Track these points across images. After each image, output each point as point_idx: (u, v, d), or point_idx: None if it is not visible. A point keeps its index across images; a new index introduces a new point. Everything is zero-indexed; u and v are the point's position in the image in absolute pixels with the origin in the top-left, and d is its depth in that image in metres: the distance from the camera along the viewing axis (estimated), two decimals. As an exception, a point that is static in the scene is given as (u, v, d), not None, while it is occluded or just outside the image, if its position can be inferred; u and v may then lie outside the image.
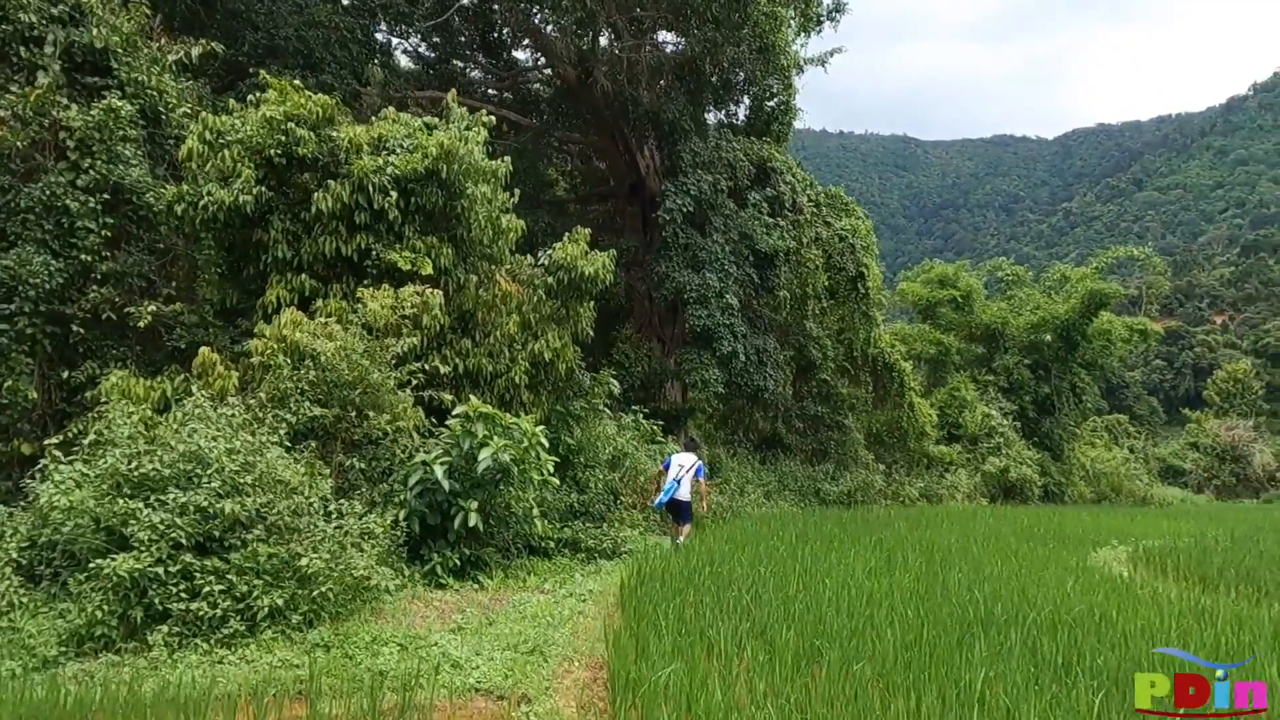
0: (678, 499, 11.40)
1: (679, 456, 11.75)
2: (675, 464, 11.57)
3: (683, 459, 11.65)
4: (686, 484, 11.43)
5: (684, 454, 11.92)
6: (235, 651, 5.83)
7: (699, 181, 20.17)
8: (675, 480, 11.40)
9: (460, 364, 10.95)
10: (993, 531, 12.61)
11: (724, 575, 7.31)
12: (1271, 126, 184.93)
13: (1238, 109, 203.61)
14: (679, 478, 11.42)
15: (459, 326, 11.38)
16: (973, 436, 32.83)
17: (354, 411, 8.86)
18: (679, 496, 11.40)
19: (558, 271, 11.82)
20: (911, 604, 6.07)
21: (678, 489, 11.37)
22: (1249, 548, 11.05)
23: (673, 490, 11.35)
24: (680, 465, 11.52)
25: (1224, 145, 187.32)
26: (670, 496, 11.33)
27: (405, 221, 10.69)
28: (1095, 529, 13.66)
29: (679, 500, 11.42)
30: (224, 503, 6.51)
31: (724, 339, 19.30)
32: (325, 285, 10.41)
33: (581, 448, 12.38)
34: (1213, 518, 18.78)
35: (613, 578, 8.57)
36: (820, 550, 9.37)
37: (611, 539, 11.12)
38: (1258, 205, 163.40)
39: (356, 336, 9.19)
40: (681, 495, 11.40)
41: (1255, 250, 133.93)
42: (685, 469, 11.51)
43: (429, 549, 8.62)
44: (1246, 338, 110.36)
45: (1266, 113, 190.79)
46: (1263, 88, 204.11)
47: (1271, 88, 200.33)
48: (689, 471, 11.52)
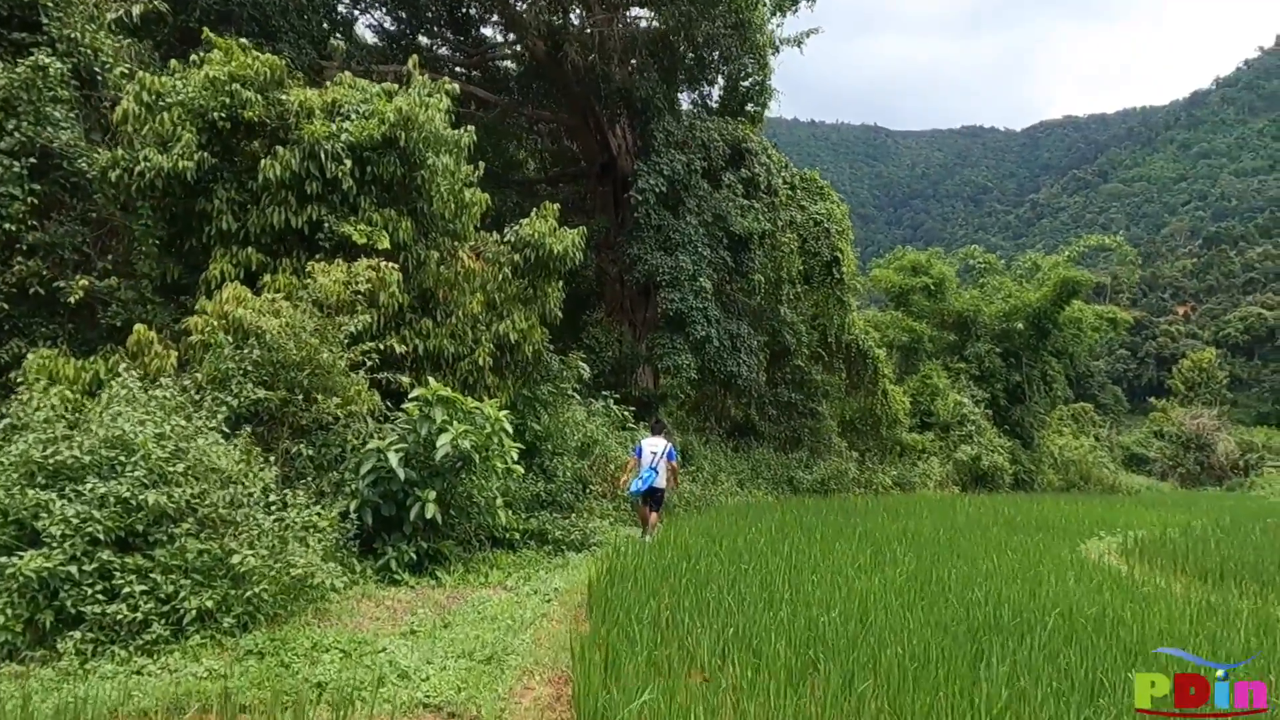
0: (656, 486, 11.05)
1: (649, 442, 11.32)
2: (647, 450, 11.16)
3: (653, 444, 11.24)
4: (663, 470, 11.09)
5: (653, 439, 11.40)
6: (157, 660, 5.22)
7: (672, 161, 19.61)
8: (651, 467, 11.02)
9: (420, 345, 10.32)
10: (974, 521, 12.28)
11: (702, 572, 6.80)
12: (1233, 121, 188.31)
13: (1201, 103, 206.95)
14: (654, 465, 11.04)
15: (419, 305, 10.74)
16: (945, 424, 32.75)
17: (302, 394, 8.22)
18: (658, 484, 11.05)
19: (524, 249, 11.22)
20: (911, 606, 5.59)
21: (655, 476, 11.00)
22: (1239, 539, 10.79)
23: (651, 479, 10.96)
24: (653, 452, 11.13)
25: (1187, 139, 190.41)
26: (649, 485, 10.94)
27: (361, 192, 10.01)
28: (1077, 518, 13.41)
29: (656, 488, 11.08)
30: (149, 494, 5.87)
31: (697, 323, 18.81)
32: (274, 260, 9.71)
33: (549, 434, 11.82)
34: (1187, 506, 18.73)
35: (580, 573, 8.04)
36: (802, 543, 8.91)
37: (580, 530, 10.60)
38: (1219, 198, 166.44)
39: (306, 314, 8.53)
40: (660, 482, 11.06)
41: (1216, 242, 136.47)
42: (658, 454, 11.12)
43: (383, 542, 8.03)
44: (1208, 328, 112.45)
45: (1228, 107, 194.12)
46: (1225, 82, 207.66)
47: (1234, 82, 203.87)
48: (662, 456, 11.14)
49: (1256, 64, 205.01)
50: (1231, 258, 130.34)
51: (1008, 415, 35.57)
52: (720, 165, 20.81)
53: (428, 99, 10.41)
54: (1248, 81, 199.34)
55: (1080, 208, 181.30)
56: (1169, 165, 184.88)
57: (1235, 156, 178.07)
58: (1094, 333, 36.81)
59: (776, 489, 20.97)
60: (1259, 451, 45.62)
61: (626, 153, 21.92)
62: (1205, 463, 45.42)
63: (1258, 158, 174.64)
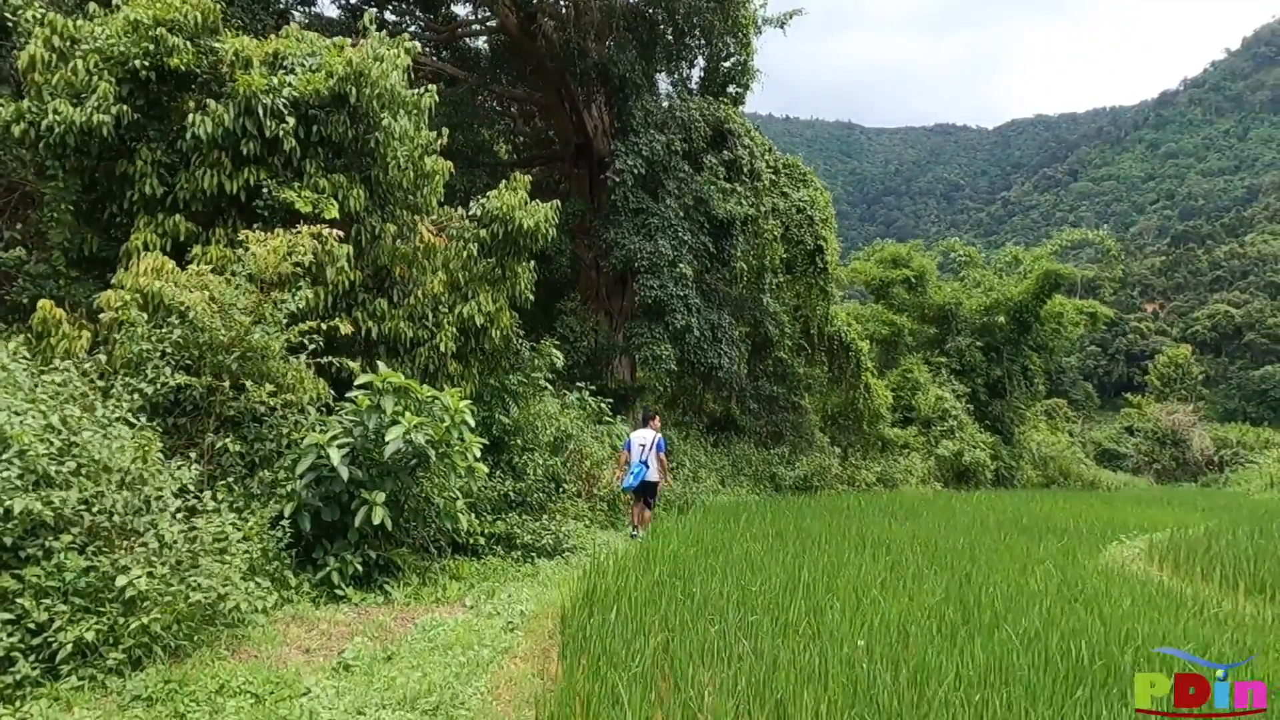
0: (648, 480, 10.62)
1: (638, 434, 10.78)
2: (636, 444, 10.65)
3: (642, 436, 10.72)
4: (653, 462, 10.64)
5: (643, 431, 10.85)
6: (17, 709, 4.14)
7: (651, 142, 18.61)
8: (642, 461, 10.58)
9: (374, 328, 9.24)
10: (977, 522, 11.45)
11: (698, 596, 5.77)
12: (1200, 121, 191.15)
13: (1169, 103, 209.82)
14: (644, 458, 10.62)
15: (374, 284, 9.66)
16: (926, 419, 32.12)
17: (230, 381, 7.12)
18: (650, 478, 10.62)
19: (492, 224, 10.16)
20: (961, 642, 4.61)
21: (647, 470, 10.57)
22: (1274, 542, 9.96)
23: (643, 473, 10.52)
24: (642, 444, 10.64)
25: (1155, 139, 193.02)
26: (641, 479, 10.50)
27: (306, 155, 8.89)
28: (1084, 519, 12.61)
29: (649, 481, 10.65)
30: (19, 498, 4.77)
31: (677, 311, 17.83)
32: (206, 230, 8.58)
33: (519, 428, 10.79)
34: (1188, 504, 18.07)
35: (553, 591, 7.02)
36: (807, 552, 7.93)
37: (553, 534, 9.58)
38: (1186, 198, 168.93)
39: (239, 289, 7.42)
40: (652, 476, 10.63)
41: (1184, 241, 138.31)
42: (648, 447, 10.68)
43: (324, 552, 6.96)
44: (1176, 325, 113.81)
45: (1196, 108, 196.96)
46: (1193, 83, 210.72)
47: (1201, 83, 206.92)
48: (652, 449, 10.70)
49: (1223, 66, 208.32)
50: (1199, 256, 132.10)
51: (988, 410, 35.04)
52: (701, 147, 19.84)
53: (384, 53, 9.30)
54: (1214, 83, 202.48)
55: (1051, 206, 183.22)
56: (1138, 165, 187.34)
57: (1202, 157, 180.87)
58: (1074, 327, 36.38)
59: (758, 485, 20.10)
60: (1233, 447, 45.60)
61: (603, 134, 20.87)
62: (1181, 458, 45.31)
63: (1224, 158, 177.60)
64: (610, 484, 12.73)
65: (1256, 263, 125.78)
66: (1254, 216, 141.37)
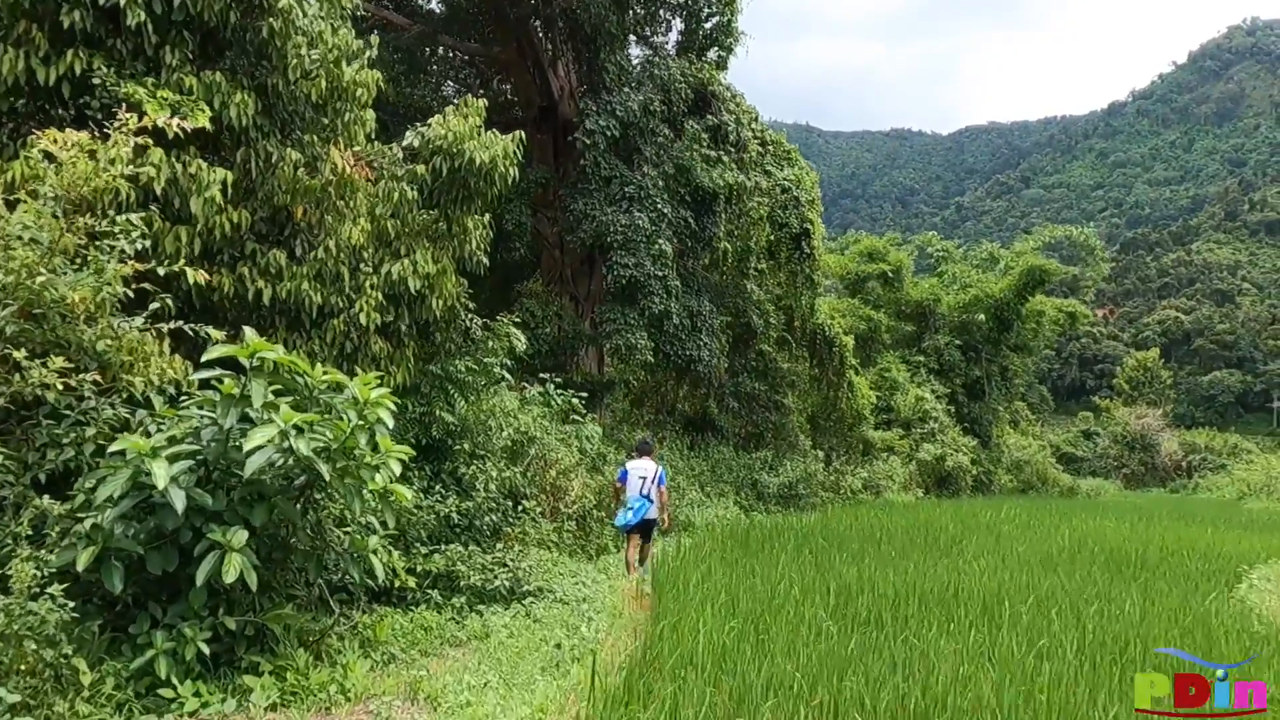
0: (649, 519, 9.13)
1: (636, 465, 9.25)
2: (635, 476, 9.13)
3: (641, 468, 9.19)
4: (655, 498, 9.15)
5: (640, 461, 9.29)
6: None
7: (626, 101, 16.21)
8: (643, 495, 9.01)
9: (267, 289, 6.70)
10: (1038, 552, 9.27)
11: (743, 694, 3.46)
12: (1148, 132, 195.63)
13: (1118, 114, 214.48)
14: (646, 492, 9.04)
15: (269, 231, 7.11)
16: (905, 421, 30.34)
17: (6, 350, 4.55)
18: (650, 515, 9.12)
19: (434, 158, 7.67)
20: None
21: (649, 507, 9.04)
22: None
23: (644, 510, 8.98)
24: (641, 477, 9.11)
25: (1104, 148, 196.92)
26: (641, 518, 9.00)
27: (167, 43, 6.31)
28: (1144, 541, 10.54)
29: (649, 520, 9.16)
30: None
31: (654, 294, 15.47)
32: (12, 140, 5.94)
33: (466, 429, 8.32)
34: (1225, 521, 16.06)
35: (519, 669, 4.60)
36: (891, 621, 5.52)
37: (510, 570, 7.15)
38: (1133, 206, 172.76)
39: (36, 214, 4.85)
40: (653, 514, 9.16)
41: (1133, 248, 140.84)
42: (648, 480, 9.11)
43: (148, 624, 4.43)
44: (1126, 330, 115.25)
45: (1143, 119, 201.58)
46: (1141, 95, 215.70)
47: (1149, 95, 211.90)
48: (653, 482, 9.14)
49: (1170, 79, 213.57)
50: (1148, 263, 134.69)
51: (966, 412, 33.45)
52: (682, 111, 17.51)
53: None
54: (1161, 95, 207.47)
55: (1003, 211, 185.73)
56: (1087, 173, 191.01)
57: (1149, 167, 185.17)
58: (1054, 327, 35.01)
59: (740, 494, 17.85)
60: (1201, 453, 44.94)
61: (570, 95, 18.40)
62: (1150, 463, 44.50)
63: (1169, 169, 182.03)
64: (581, 497, 10.35)
65: (1203, 270, 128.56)
66: (1200, 225, 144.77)
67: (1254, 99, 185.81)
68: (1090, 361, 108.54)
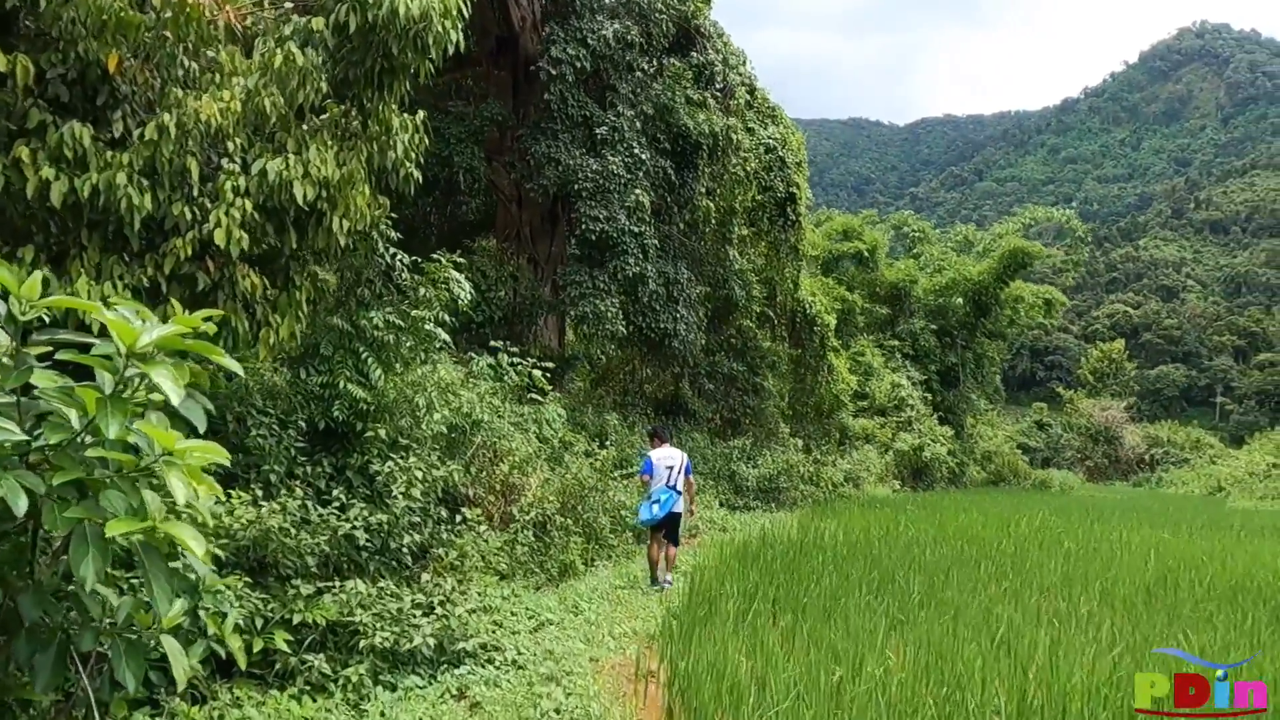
0: (675, 512, 8.30)
1: (661, 453, 8.48)
2: (661, 465, 8.37)
3: (669, 456, 8.44)
4: (683, 488, 8.43)
5: (665, 449, 8.53)
6: None
7: (599, 29, 13.79)
8: (670, 487, 8.21)
9: (60, 181, 4.21)
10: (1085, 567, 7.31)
11: None
12: (1098, 129, 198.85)
13: (1070, 110, 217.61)
14: (673, 482, 8.23)
15: (70, 96, 4.59)
16: (881, 409, 28.61)
17: None
18: (677, 509, 8.30)
19: (338, 6, 5.22)
20: None
21: (676, 499, 8.22)
22: None
23: (672, 502, 8.18)
24: (669, 466, 8.33)
25: (1056, 144, 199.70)
26: (667, 511, 8.18)
27: None
28: (1220, 557, 8.61)
29: (676, 513, 8.33)
30: None
31: (629, 253, 13.16)
32: None
33: (384, 408, 5.91)
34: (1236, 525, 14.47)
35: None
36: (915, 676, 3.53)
37: (442, 616, 4.82)
38: (1084, 201, 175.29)
39: None
40: (679, 506, 8.35)
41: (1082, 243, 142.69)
42: (675, 469, 8.29)
43: None
44: (1076, 324, 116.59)
45: (1094, 116, 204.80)
46: (1092, 92, 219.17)
47: (1100, 93, 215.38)
48: (680, 471, 8.32)
49: (1121, 77, 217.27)
50: (1096, 258, 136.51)
51: (940, 400, 31.91)
52: (664, 47, 15.15)
53: None
54: (1113, 93, 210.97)
55: (957, 203, 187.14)
56: (1039, 168, 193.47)
57: (1098, 163, 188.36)
58: (1032, 312, 33.61)
59: (717, 486, 15.73)
60: (1164, 446, 44.36)
61: (533, 27, 15.81)
62: (1114, 455, 43.77)
63: (1118, 166, 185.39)
64: (541, 498, 8.03)
65: (1150, 266, 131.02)
66: (1147, 223, 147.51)
67: (1200, 100, 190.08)
68: (1041, 353, 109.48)
